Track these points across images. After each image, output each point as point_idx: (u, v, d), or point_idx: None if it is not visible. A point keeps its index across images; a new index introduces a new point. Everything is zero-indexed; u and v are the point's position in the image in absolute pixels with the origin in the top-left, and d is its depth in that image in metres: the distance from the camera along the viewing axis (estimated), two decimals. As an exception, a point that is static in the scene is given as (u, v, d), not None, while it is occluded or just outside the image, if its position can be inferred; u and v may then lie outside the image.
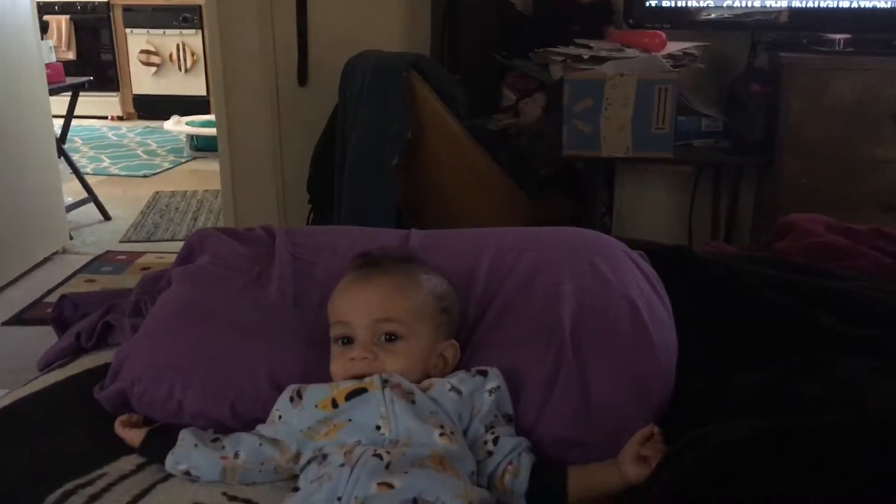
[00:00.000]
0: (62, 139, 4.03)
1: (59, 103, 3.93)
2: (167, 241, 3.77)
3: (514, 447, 1.03)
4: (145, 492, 1.06)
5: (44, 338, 2.63)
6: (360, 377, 1.06)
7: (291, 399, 1.07)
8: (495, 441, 1.03)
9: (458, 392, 1.04)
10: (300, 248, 1.38)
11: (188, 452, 1.08)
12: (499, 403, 1.06)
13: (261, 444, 1.06)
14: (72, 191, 4.01)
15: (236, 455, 1.06)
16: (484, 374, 1.07)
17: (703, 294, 1.32)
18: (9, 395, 1.29)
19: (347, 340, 1.09)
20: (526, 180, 2.73)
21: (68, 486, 1.06)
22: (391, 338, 1.08)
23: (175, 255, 1.44)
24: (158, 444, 1.10)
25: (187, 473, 1.07)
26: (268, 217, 3.09)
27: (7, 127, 3.16)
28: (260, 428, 1.10)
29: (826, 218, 1.71)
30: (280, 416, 1.08)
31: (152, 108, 6.50)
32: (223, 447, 1.08)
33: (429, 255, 1.27)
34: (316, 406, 1.04)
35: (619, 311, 1.19)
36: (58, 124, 3.89)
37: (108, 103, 6.60)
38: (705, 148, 2.57)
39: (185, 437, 1.09)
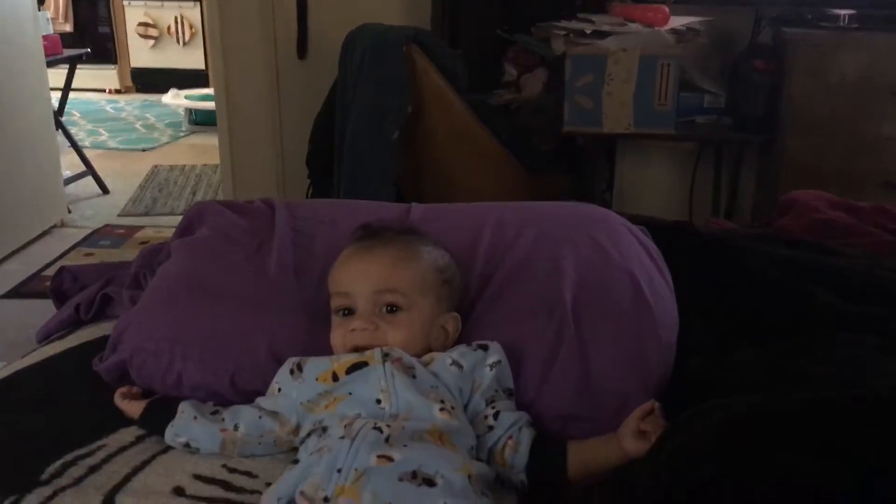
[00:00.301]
0: (59, 112, 4.00)
1: (57, 76, 3.89)
2: (166, 215, 3.76)
3: (515, 422, 1.03)
4: (145, 463, 1.06)
5: (42, 311, 2.63)
6: (361, 349, 1.05)
7: (291, 372, 1.07)
8: (496, 416, 1.03)
9: (459, 366, 1.03)
10: (300, 220, 1.37)
11: (188, 425, 1.08)
12: (499, 378, 1.06)
13: (260, 417, 1.07)
14: (69, 164, 3.99)
15: (236, 427, 1.06)
16: (485, 348, 1.07)
17: (704, 270, 1.32)
18: (7, 367, 1.29)
19: (348, 312, 1.09)
20: (526, 156, 2.72)
21: (68, 457, 1.06)
22: (392, 309, 1.07)
23: (174, 230, 1.43)
24: (158, 416, 1.10)
25: (187, 446, 1.08)
26: (267, 192, 3.07)
27: (4, 99, 3.14)
28: (259, 400, 1.10)
29: (828, 195, 1.71)
30: (280, 389, 1.08)
31: (150, 81, 6.45)
32: (223, 419, 1.08)
33: (429, 229, 1.26)
34: (316, 379, 1.04)
35: (621, 285, 1.18)
36: (55, 97, 3.86)
37: (105, 76, 6.56)
38: (707, 125, 2.55)
39: (185, 410, 1.09)
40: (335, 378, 1.02)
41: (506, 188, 2.62)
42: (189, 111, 5.50)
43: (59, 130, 3.79)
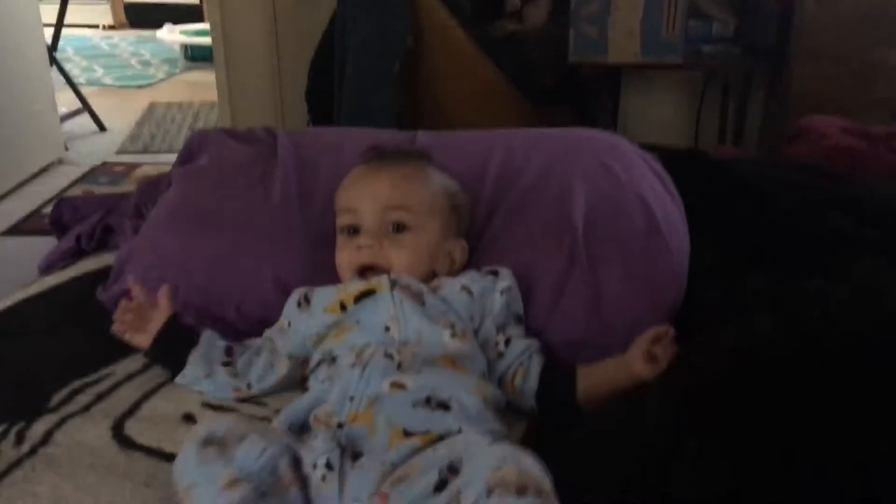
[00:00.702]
0: (53, 47, 3.92)
1: (48, 12, 3.80)
2: (164, 152, 3.70)
3: (525, 349, 1.02)
4: (153, 391, 1.05)
5: (43, 248, 2.60)
6: (367, 267, 1.03)
7: (299, 304, 1.05)
8: (507, 342, 1.02)
9: (469, 292, 1.02)
10: (303, 148, 1.34)
11: (198, 381, 1.05)
12: (510, 304, 1.04)
13: (273, 366, 1.04)
14: (65, 101, 3.92)
15: (249, 386, 1.04)
16: (495, 273, 1.05)
17: (715, 197, 1.30)
18: (11, 297, 1.27)
19: (354, 231, 1.06)
20: (529, 89, 2.67)
21: (75, 384, 1.05)
22: (399, 228, 1.05)
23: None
24: (166, 356, 1.07)
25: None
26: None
27: (-4, 33, 3.07)
28: (269, 334, 1.08)
29: (841, 121, 1.67)
30: (289, 324, 1.06)
31: (144, 15, 6.31)
32: (235, 375, 1.04)
33: (436, 156, 1.23)
34: (324, 310, 1.02)
35: (632, 212, 1.16)
36: (47, 33, 3.78)
37: (98, 11, 6.41)
38: (715, 54, 2.49)
39: (194, 365, 1.04)
40: (343, 308, 1.00)
41: (509, 122, 2.56)
42: (185, 47, 5.39)
43: (54, 67, 3.72)
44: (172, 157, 3.68)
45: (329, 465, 0.80)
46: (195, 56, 5.37)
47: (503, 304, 1.03)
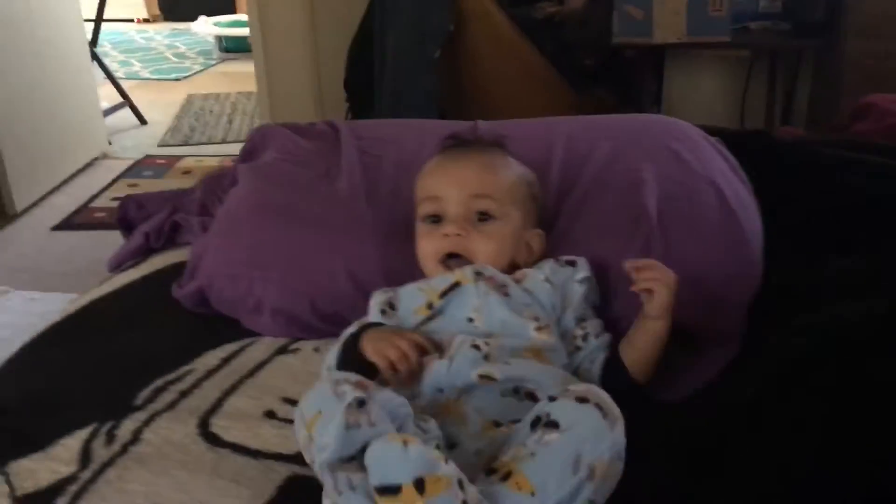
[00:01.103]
0: (93, 43, 3.95)
1: (86, 6, 3.83)
2: (204, 144, 3.74)
3: (598, 346, 1.00)
4: (234, 387, 1.06)
5: (93, 241, 2.67)
6: (452, 256, 1.03)
7: (383, 312, 1.02)
8: (584, 338, 1.01)
9: (552, 283, 1.01)
10: (365, 141, 1.34)
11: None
12: (588, 294, 1.04)
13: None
14: (105, 96, 3.96)
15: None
16: (573, 263, 1.05)
17: (785, 179, 1.28)
18: (84, 296, 1.29)
19: (436, 219, 1.06)
20: (571, 72, 2.65)
21: (158, 382, 1.06)
22: (484, 217, 1.04)
23: (213, 159, 1.41)
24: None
25: None
26: (304, 117, 3.02)
27: (41, 32, 3.09)
28: None
29: (906, 98, 1.63)
30: None
31: (177, 8, 6.35)
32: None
33: (501, 145, 1.22)
34: (413, 312, 1.01)
35: (705, 196, 1.15)
36: (87, 28, 3.81)
37: (133, 5, 6.46)
38: (763, 31, 2.45)
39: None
40: (430, 307, 1.00)
41: (552, 106, 2.56)
42: (219, 38, 5.42)
43: (94, 62, 3.75)
44: (212, 149, 3.73)
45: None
46: (229, 47, 5.39)
47: (582, 294, 1.02)
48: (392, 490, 0.70)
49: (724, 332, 1.06)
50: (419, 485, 0.69)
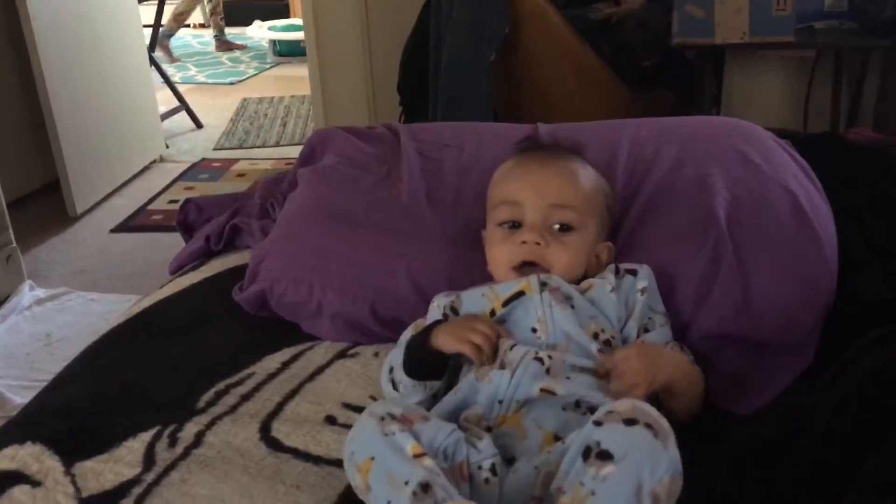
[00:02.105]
0: (151, 48, 4.03)
1: (145, 12, 3.91)
2: (259, 147, 3.78)
3: None
4: (294, 391, 1.06)
5: (150, 243, 2.71)
6: (528, 265, 1.00)
7: (445, 316, 1.01)
8: None
9: (617, 293, 0.98)
10: (425, 145, 1.33)
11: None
12: (650, 303, 1.01)
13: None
14: (162, 100, 4.03)
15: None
16: (633, 273, 1.01)
17: (859, 183, 1.23)
18: (147, 298, 1.30)
19: (514, 224, 1.03)
20: (629, 73, 2.61)
21: (220, 385, 1.06)
22: (564, 228, 1.01)
23: (267, 162, 1.41)
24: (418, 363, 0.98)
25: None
26: (358, 121, 3.04)
27: (103, 37, 3.16)
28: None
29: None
30: None
31: (232, 13, 6.43)
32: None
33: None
34: None
35: (777, 201, 1.11)
36: (145, 34, 3.89)
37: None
38: (828, 30, 2.38)
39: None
40: (492, 314, 0.98)
41: (609, 108, 2.52)
42: (273, 42, 5.48)
43: (153, 66, 3.82)
44: (267, 152, 3.76)
45: (494, 471, 0.79)
46: (283, 51, 5.45)
47: (644, 304, 0.99)
48: None
49: (797, 341, 1.02)
50: None
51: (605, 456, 0.72)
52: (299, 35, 3.34)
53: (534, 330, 0.95)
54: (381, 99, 3.09)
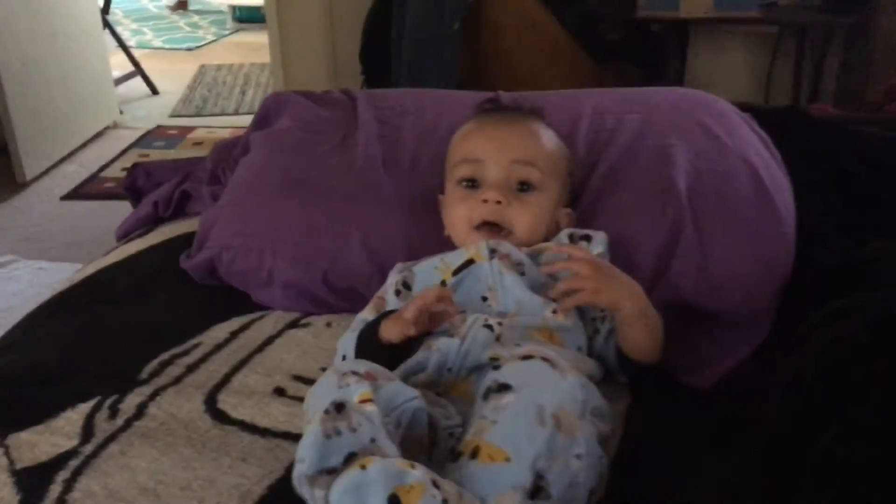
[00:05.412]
0: (105, 10, 3.90)
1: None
2: (217, 115, 3.69)
3: (611, 329, 0.95)
4: (243, 363, 1.02)
5: (103, 211, 2.64)
6: (489, 225, 0.98)
7: (398, 293, 0.98)
8: (602, 320, 0.96)
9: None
10: (384, 110, 1.29)
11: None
12: None
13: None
14: (117, 64, 3.92)
15: None
16: (588, 239, 1.00)
17: (819, 156, 1.22)
18: (90, 265, 1.25)
19: (474, 183, 1.00)
20: (593, 45, 2.59)
21: (164, 355, 1.03)
22: (525, 187, 0.99)
23: (225, 130, 1.37)
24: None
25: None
26: (318, 89, 2.97)
27: (52, -4, 3.05)
28: (365, 315, 0.98)
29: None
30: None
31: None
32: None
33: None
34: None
35: (738, 174, 1.10)
36: (99, -5, 3.77)
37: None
38: (792, 6, 2.38)
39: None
40: (443, 285, 0.95)
41: (573, 80, 2.48)
42: (233, 8, 5.36)
43: (106, 29, 3.70)
44: (225, 120, 3.67)
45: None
46: (243, 17, 5.33)
47: None
48: None
49: (754, 314, 1.02)
50: (394, 501, 0.65)
51: (504, 388, 0.73)
52: (260, 1, 3.26)
53: (484, 298, 0.93)
54: (343, 67, 3.04)
